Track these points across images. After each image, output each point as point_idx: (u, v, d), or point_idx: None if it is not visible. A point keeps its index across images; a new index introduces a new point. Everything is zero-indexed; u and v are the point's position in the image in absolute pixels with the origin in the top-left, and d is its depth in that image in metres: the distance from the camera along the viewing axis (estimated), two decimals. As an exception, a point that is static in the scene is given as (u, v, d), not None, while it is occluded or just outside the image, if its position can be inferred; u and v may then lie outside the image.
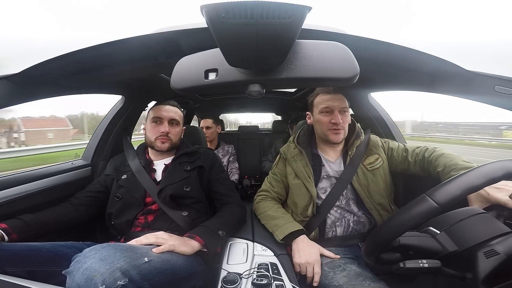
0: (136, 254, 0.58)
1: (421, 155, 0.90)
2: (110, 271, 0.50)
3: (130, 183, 0.95)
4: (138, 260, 0.56)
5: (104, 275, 0.49)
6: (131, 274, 0.52)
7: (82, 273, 0.50)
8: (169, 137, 0.99)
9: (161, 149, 0.99)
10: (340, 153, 1.01)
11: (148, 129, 1.00)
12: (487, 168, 0.48)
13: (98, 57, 0.66)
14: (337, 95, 0.95)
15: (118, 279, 0.50)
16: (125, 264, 0.53)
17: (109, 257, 0.53)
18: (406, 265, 0.48)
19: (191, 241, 0.75)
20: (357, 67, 0.45)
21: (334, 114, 0.93)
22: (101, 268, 0.50)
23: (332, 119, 0.93)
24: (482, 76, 0.60)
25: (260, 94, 0.50)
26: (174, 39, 0.62)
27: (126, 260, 0.54)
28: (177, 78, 0.50)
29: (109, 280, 0.49)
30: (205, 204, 0.99)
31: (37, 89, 0.74)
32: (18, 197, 0.88)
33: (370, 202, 0.92)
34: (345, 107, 0.95)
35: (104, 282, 0.48)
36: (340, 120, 0.92)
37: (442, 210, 0.47)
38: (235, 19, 0.34)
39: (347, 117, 0.96)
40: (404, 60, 0.68)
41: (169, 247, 0.68)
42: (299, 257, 0.80)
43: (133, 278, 0.53)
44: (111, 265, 0.51)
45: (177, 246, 0.69)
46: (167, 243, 0.69)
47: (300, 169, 0.98)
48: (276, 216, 0.93)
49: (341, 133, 0.94)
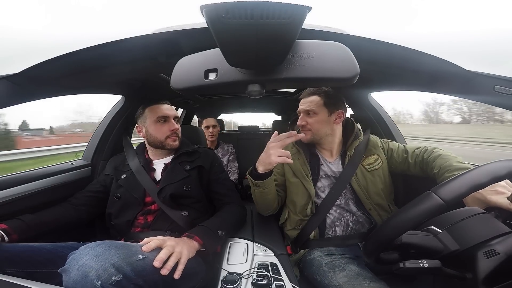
0: (131, 251, 0.59)
1: (420, 156, 0.90)
2: (104, 267, 0.50)
3: (130, 182, 0.95)
4: (132, 257, 0.57)
5: (98, 271, 0.50)
6: (125, 270, 0.53)
7: (77, 269, 0.50)
8: (178, 134, 1.02)
9: (174, 147, 1.01)
10: (338, 153, 1.02)
11: (153, 130, 0.98)
12: (492, 167, 0.48)
13: (98, 57, 0.66)
14: (306, 98, 0.99)
15: (113, 274, 0.50)
16: (119, 261, 0.53)
17: (103, 253, 0.53)
18: (406, 265, 0.48)
19: (192, 242, 0.75)
20: (357, 67, 0.45)
21: (300, 116, 1.00)
22: (96, 264, 0.50)
23: (300, 122, 1.00)
24: (482, 76, 0.60)
25: (260, 94, 0.50)
26: (174, 39, 0.62)
27: (120, 256, 0.54)
28: (177, 78, 0.50)
29: (104, 276, 0.49)
30: (205, 204, 0.99)
31: (37, 89, 0.74)
32: (18, 197, 0.88)
33: (369, 203, 0.92)
34: (310, 109, 0.97)
35: (99, 278, 0.49)
36: (303, 122, 0.98)
37: (447, 207, 0.47)
38: (235, 19, 0.34)
39: (313, 118, 0.97)
40: (404, 60, 0.68)
41: (185, 261, 0.66)
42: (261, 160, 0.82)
43: (127, 274, 0.53)
44: (105, 261, 0.51)
45: (187, 256, 0.68)
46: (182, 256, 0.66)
47: (298, 168, 0.98)
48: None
49: (308, 134, 0.98)
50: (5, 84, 0.63)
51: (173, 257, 0.64)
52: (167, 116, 1.00)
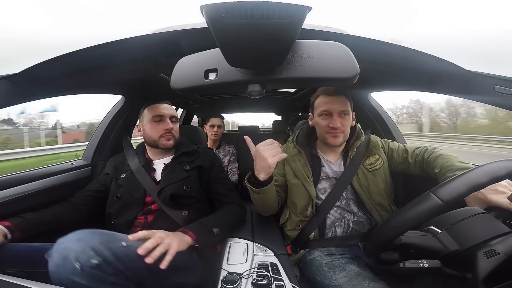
0: (114, 238, 0.60)
1: (420, 156, 0.90)
2: (83, 250, 0.52)
3: (130, 182, 0.95)
4: (114, 243, 0.58)
5: (78, 253, 0.51)
6: (105, 254, 0.54)
7: (59, 252, 0.52)
8: (173, 134, 1.00)
9: (167, 147, 0.99)
10: (340, 154, 1.01)
11: (149, 129, 0.99)
12: (491, 167, 0.48)
13: (98, 57, 0.66)
14: (338, 97, 0.92)
15: (92, 257, 0.52)
16: (99, 245, 0.55)
17: (85, 238, 0.55)
18: (406, 265, 0.48)
19: (184, 236, 0.75)
20: (357, 67, 0.45)
21: (333, 118, 0.90)
22: (76, 247, 0.52)
23: (330, 122, 0.90)
24: (482, 76, 0.60)
25: (260, 94, 0.50)
26: (174, 39, 0.62)
27: (102, 241, 0.56)
28: (177, 78, 0.50)
29: (83, 258, 0.51)
30: (205, 204, 0.99)
31: (37, 89, 0.74)
32: (18, 197, 0.89)
33: (371, 203, 0.92)
34: (345, 110, 0.91)
35: (78, 259, 0.51)
36: (339, 124, 0.89)
37: (447, 207, 0.47)
38: (235, 19, 0.34)
39: (348, 120, 0.93)
40: (404, 60, 0.68)
41: (174, 252, 0.66)
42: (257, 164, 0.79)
43: (107, 258, 0.54)
44: (86, 244, 0.53)
45: (177, 248, 0.68)
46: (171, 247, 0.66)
47: (299, 169, 0.98)
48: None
49: (340, 136, 0.91)
50: (5, 84, 0.63)
51: (160, 247, 0.65)
52: (162, 115, 0.99)
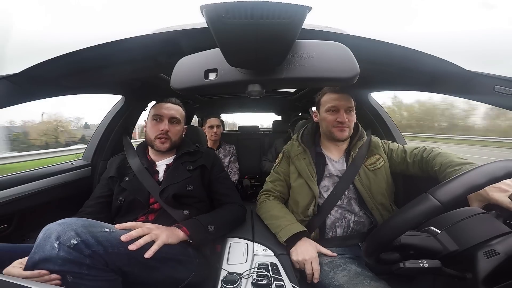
0: (99, 225, 0.63)
1: (419, 156, 0.90)
2: (65, 230, 0.56)
3: (133, 185, 0.93)
4: (97, 228, 0.61)
5: (59, 232, 0.55)
6: (86, 237, 0.57)
7: (43, 233, 0.57)
8: (169, 136, 0.96)
9: (160, 149, 0.96)
10: (343, 152, 1.02)
11: (148, 127, 0.99)
12: (490, 167, 0.48)
13: (98, 57, 0.66)
14: (344, 95, 0.97)
15: (72, 237, 0.55)
16: (81, 228, 0.58)
17: (70, 222, 0.59)
18: (406, 265, 0.48)
19: (177, 230, 0.75)
20: (357, 67, 0.45)
21: (340, 113, 0.95)
22: (58, 228, 0.57)
23: (337, 117, 0.95)
24: (482, 76, 0.60)
25: (260, 94, 0.50)
26: (174, 39, 0.62)
27: (85, 225, 0.59)
28: (177, 78, 0.50)
29: (64, 238, 0.55)
30: (207, 203, 0.99)
31: (37, 89, 0.74)
32: (18, 197, 0.88)
33: (372, 202, 0.92)
34: (351, 107, 0.97)
35: (58, 238, 0.54)
36: (346, 119, 0.94)
37: (445, 208, 0.47)
38: (235, 19, 0.34)
39: (353, 117, 0.98)
40: (404, 60, 0.68)
41: (161, 243, 0.67)
42: (296, 254, 0.81)
43: (87, 240, 0.57)
44: (68, 226, 0.57)
45: (165, 240, 0.69)
46: (158, 238, 0.68)
47: (303, 168, 0.98)
48: (279, 216, 0.93)
49: (346, 130, 0.96)
50: (5, 84, 0.63)
51: (146, 236, 0.66)
52: (161, 115, 0.97)
